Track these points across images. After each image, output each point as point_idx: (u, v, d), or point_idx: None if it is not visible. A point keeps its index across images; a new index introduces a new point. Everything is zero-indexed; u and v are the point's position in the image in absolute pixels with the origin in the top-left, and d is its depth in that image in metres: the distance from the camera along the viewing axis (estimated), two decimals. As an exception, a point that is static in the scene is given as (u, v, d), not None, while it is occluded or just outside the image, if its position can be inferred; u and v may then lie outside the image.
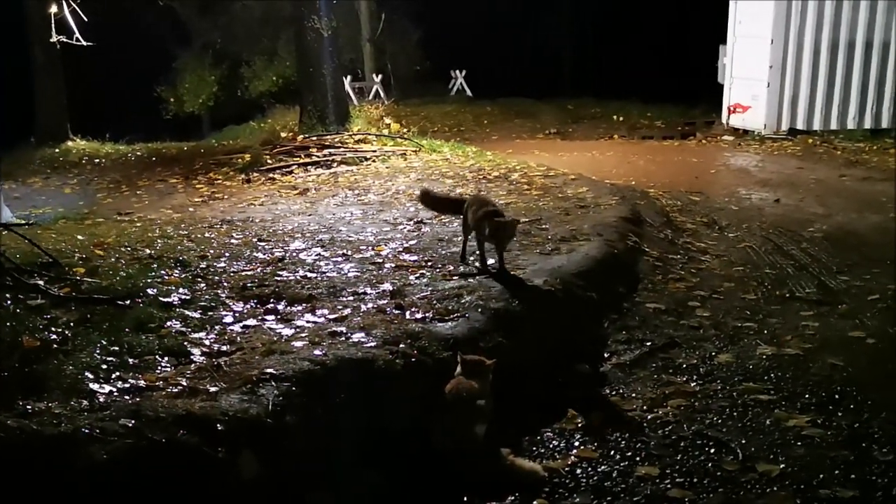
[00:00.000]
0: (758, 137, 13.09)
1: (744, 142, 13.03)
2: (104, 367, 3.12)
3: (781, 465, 3.02)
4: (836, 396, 3.60)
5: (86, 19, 9.20)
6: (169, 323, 3.69)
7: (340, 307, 3.96)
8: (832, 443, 3.19)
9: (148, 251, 5.16)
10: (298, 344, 3.35)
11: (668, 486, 2.91)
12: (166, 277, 4.49)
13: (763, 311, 4.81)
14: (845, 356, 4.05)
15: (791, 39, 12.86)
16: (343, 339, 3.43)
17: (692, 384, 3.79)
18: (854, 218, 7.25)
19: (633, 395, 3.69)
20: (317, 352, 3.21)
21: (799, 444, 3.19)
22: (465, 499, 2.81)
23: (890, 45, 12.65)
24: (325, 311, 3.89)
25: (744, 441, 3.22)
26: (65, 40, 9.70)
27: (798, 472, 2.97)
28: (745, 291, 5.17)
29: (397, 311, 3.86)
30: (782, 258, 5.96)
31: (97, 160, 12.18)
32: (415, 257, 5.04)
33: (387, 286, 4.33)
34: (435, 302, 4.00)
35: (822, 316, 4.69)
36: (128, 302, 3.93)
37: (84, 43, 9.55)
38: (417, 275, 4.58)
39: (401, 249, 5.25)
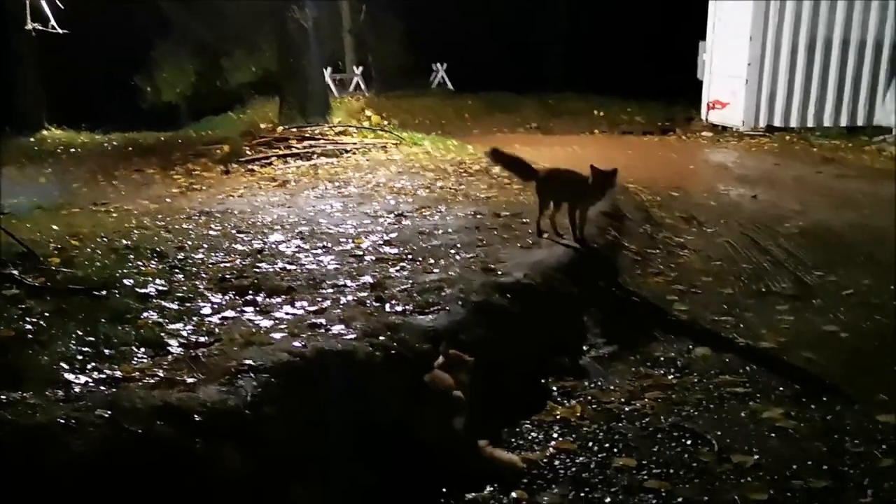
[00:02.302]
0: (736, 134, 13.20)
1: (722, 138, 13.13)
2: (80, 357, 3.09)
3: (756, 457, 3.06)
4: (810, 389, 3.65)
5: (62, 7, 9.08)
6: (146, 314, 3.67)
7: (320, 299, 3.95)
8: (806, 435, 3.24)
9: (124, 242, 5.11)
10: (277, 336, 3.34)
11: (646, 476, 2.94)
12: (143, 268, 4.46)
13: (740, 305, 4.86)
14: (819, 350, 4.11)
15: (769, 37, 12.98)
16: (323, 330, 3.43)
17: (670, 377, 3.83)
18: (829, 214, 7.33)
19: (612, 387, 3.72)
20: (296, 343, 3.20)
21: (773, 435, 3.24)
22: (444, 490, 2.82)
23: (866, 44, 12.80)
24: (305, 303, 3.88)
25: (719, 433, 3.25)
26: (41, 28, 9.57)
27: (772, 464, 3.01)
28: (722, 286, 5.22)
29: (377, 304, 3.86)
30: (759, 253, 6.02)
31: (73, 150, 12.04)
32: (395, 250, 5.03)
33: (367, 278, 4.33)
34: (415, 295, 4.00)
35: (796, 311, 4.75)
36: (104, 293, 3.90)
37: (59, 31, 9.43)
38: (398, 267, 4.58)
39: (381, 242, 5.25)
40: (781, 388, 3.67)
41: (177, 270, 4.51)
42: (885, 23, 12.69)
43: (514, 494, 2.82)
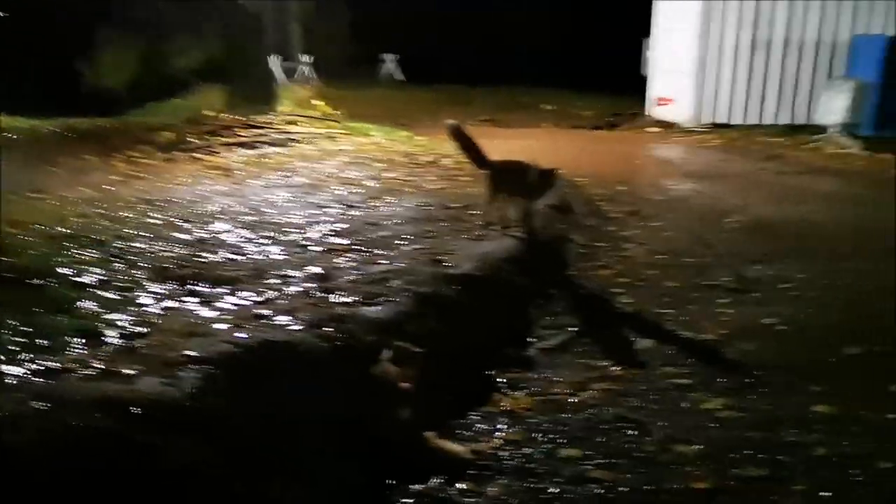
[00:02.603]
0: (682, 130, 13.43)
1: (668, 133, 13.35)
2: (14, 348, 2.99)
3: (697, 446, 3.11)
4: (749, 380, 3.74)
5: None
6: (83, 304, 3.57)
7: (265, 290, 3.89)
8: (745, 424, 3.31)
9: (62, 230, 4.97)
10: (221, 326, 3.28)
11: (590, 467, 2.97)
12: (81, 257, 4.33)
13: (683, 298, 4.95)
14: (758, 342, 4.21)
15: (714, 35, 13.23)
16: (267, 321, 3.38)
17: (615, 368, 3.87)
18: (770, 209, 7.52)
19: (558, 378, 3.75)
20: (240, 334, 3.15)
21: (714, 425, 3.30)
22: (391, 482, 2.80)
23: (806, 44, 13.15)
24: (250, 294, 3.82)
25: (662, 423, 3.31)
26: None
27: (713, 453, 3.07)
28: (666, 279, 5.31)
29: (324, 295, 3.82)
30: (702, 247, 6.13)
31: (10, 135, 11.62)
32: (343, 241, 4.99)
33: (313, 269, 4.28)
34: (363, 286, 3.97)
35: (737, 303, 4.86)
36: (40, 282, 3.78)
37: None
38: (345, 258, 4.54)
39: (328, 232, 5.20)
40: (722, 379, 3.75)
41: (116, 259, 4.40)
42: (825, 24, 13.05)
43: (460, 485, 2.82)
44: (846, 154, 11.12)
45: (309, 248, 4.80)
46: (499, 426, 3.28)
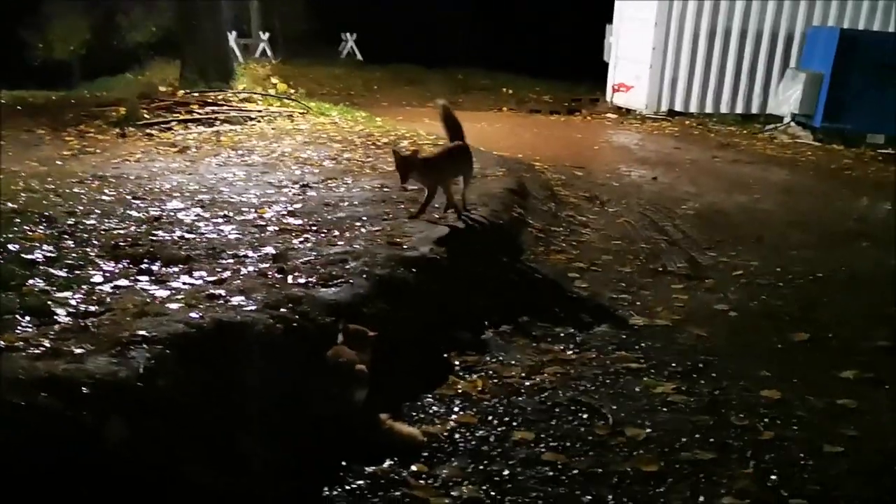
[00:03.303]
0: (639, 117, 13.58)
1: (626, 120, 13.48)
2: (-42, 326, 2.91)
3: (648, 430, 3.17)
4: (700, 365, 3.81)
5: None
6: (31, 281, 3.48)
7: (220, 269, 3.84)
8: (694, 409, 3.38)
9: (10, 205, 4.83)
10: (174, 306, 3.22)
11: (543, 449, 3.01)
12: (29, 233, 4.23)
13: (637, 283, 5.02)
14: (709, 328, 4.30)
15: (673, 23, 13.37)
16: (221, 302, 3.33)
17: (569, 352, 3.91)
18: (723, 197, 7.66)
19: (513, 362, 3.78)
20: (193, 314, 3.10)
21: (664, 409, 3.36)
22: (344, 464, 2.80)
23: (763, 35, 13.36)
24: (204, 274, 3.76)
25: (614, 407, 3.36)
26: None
27: (662, 436, 3.13)
28: (621, 264, 5.38)
29: (279, 276, 3.78)
30: (657, 234, 6.23)
31: (-46, 106, 11.25)
32: (299, 221, 4.94)
33: (269, 249, 4.23)
34: (319, 267, 3.93)
35: (690, 289, 4.95)
36: (-14, 258, 3.68)
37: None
38: (301, 239, 4.50)
39: (285, 213, 5.14)
40: (673, 364, 3.82)
41: (66, 236, 4.30)
42: (781, 15, 13.26)
43: (413, 468, 2.82)
44: (798, 144, 11.36)
45: (265, 227, 4.74)
46: (453, 409, 3.30)
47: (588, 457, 2.97)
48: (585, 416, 3.29)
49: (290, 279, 3.74)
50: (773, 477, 2.87)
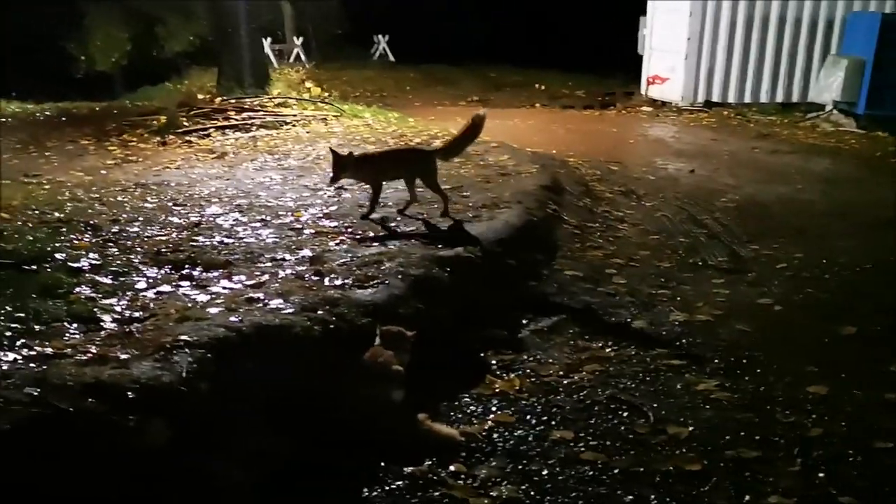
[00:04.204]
0: (675, 109, 13.41)
1: (662, 113, 13.32)
2: (8, 334, 2.99)
3: (690, 428, 3.13)
4: (743, 361, 3.75)
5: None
6: (78, 289, 3.56)
7: (258, 273, 3.89)
8: (738, 406, 3.32)
9: (56, 214, 4.95)
10: (214, 310, 3.28)
11: (582, 449, 2.99)
12: (76, 242, 4.33)
13: (676, 278, 4.96)
14: (752, 322, 4.22)
15: (709, 13, 13.17)
16: (260, 305, 3.37)
17: (607, 350, 3.88)
18: (763, 189, 7.53)
19: (550, 360, 3.76)
20: (233, 318, 3.14)
21: (707, 407, 3.32)
22: (383, 464, 2.81)
23: (802, 21, 13.10)
24: (242, 277, 3.81)
25: (655, 405, 3.32)
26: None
27: (705, 434, 3.08)
28: (659, 259, 5.32)
29: (316, 278, 3.82)
30: (695, 227, 6.15)
31: (3, 119, 11.55)
32: (335, 223, 4.98)
33: (306, 252, 4.27)
34: (355, 268, 3.96)
35: (731, 284, 4.87)
36: (34, 267, 3.78)
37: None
38: (337, 241, 4.53)
39: (321, 215, 5.18)
40: (715, 361, 3.76)
41: (111, 244, 4.39)
42: (821, 1, 12.99)
43: (452, 468, 2.83)
44: (841, 132, 11.11)
45: (301, 230, 4.79)
46: (490, 408, 3.30)
47: (629, 456, 2.95)
48: (625, 414, 3.26)
49: (326, 281, 3.78)
50: (821, 474, 2.82)
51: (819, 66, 12.67)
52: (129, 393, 2.53)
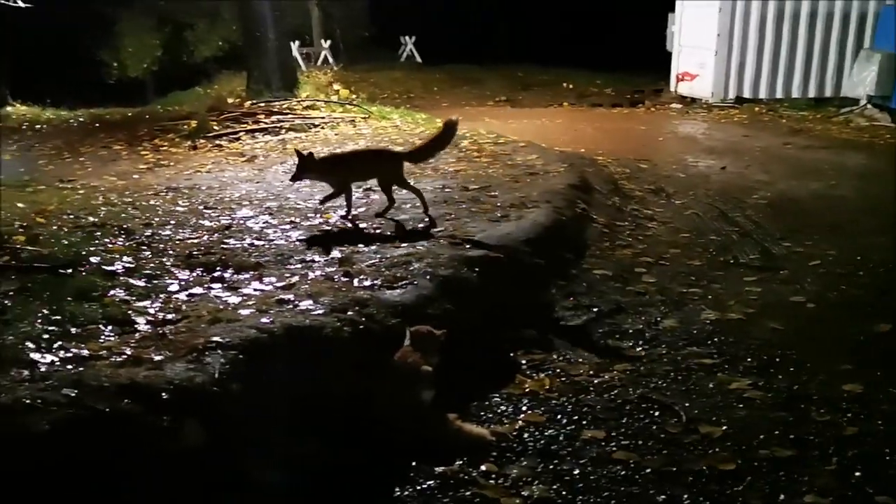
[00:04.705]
0: (705, 105, 13.28)
1: (691, 110, 13.20)
2: (45, 336, 3.05)
3: (723, 427, 3.09)
4: (777, 360, 3.70)
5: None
6: (112, 291, 3.62)
7: (288, 275, 3.92)
8: (772, 404, 3.28)
9: (91, 219, 5.04)
10: (245, 312, 3.31)
11: (613, 448, 2.97)
12: (110, 245, 4.40)
13: (707, 276, 4.91)
14: (786, 321, 4.16)
15: (739, 8, 13.03)
16: (290, 306, 3.41)
17: (638, 349, 3.86)
18: (796, 185, 7.42)
19: (580, 360, 3.74)
20: (264, 319, 3.18)
21: (740, 406, 3.28)
22: (414, 464, 2.82)
23: (834, 16, 12.90)
24: (273, 279, 3.85)
25: (687, 404, 3.29)
26: (1, 2, 9.34)
27: (739, 433, 3.05)
28: (690, 258, 5.27)
29: (345, 279, 3.84)
30: (727, 225, 6.08)
31: (38, 126, 11.80)
32: (363, 225, 5.01)
33: (335, 254, 4.30)
34: (383, 269, 3.98)
35: (764, 281, 4.81)
36: (70, 270, 3.85)
37: (22, 4, 9.19)
38: (366, 242, 4.55)
39: (349, 217, 5.21)
40: (748, 359, 3.72)
41: (144, 247, 4.46)
42: (853, -6, 12.80)
43: (483, 467, 2.83)
44: (875, 127, 10.92)
45: (330, 232, 4.83)
46: (521, 408, 3.29)
47: (661, 455, 2.92)
48: (657, 413, 3.23)
49: (355, 282, 3.80)
50: (857, 473, 2.77)
51: (852, 61, 12.48)
52: (164, 394, 2.57)
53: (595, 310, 4.31)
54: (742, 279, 4.85)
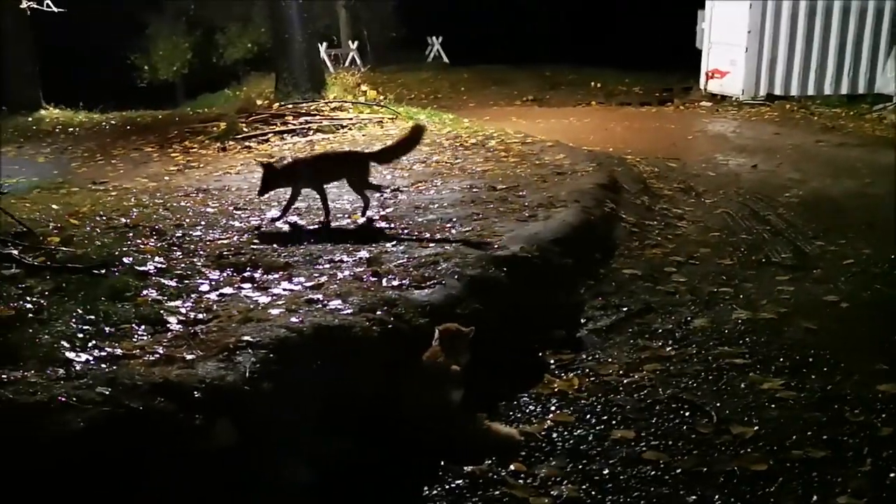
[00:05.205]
0: (735, 103, 13.14)
1: (721, 107, 13.07)
2: (80, 335, 3.09)
3: (755, 427, 3.06)
4: (810, 359, 3.65)
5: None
6: (145, 291, 3.66)
7: (317, 275, 3.95)
8: (805, 405, 3.24)
9: (123, 220, 5.11)
10: (275, 311, 3.34)
11: (643, 448, 2.95)
12: (142, 246, 4.45)
13: (739, 276, 4.85)
14: (819, 320, 4.11)
15: (769, 4, 12.87)
16: (320, 306, 3.42)
17: (668, 349, 3.83)
18: (829, 183, 7.32)
19: (609, 359, 3.72)
20: (293, 319, 3.20)
21: (773, 406, 3.24)
22: (443, 463, 2.83)
23: (867, 12, 12.70)
24: (302, 279, 3.88)
25: (718, 404, 3.26)
26: (35, 6, 9.50)
27: (771, 434, 3.01)
28: (721, 257, 5.21)
29: (374, 279, 3.86)
30: (758, 223, 6.01)
31: (71, 129, 11.99)
32: (391, 225, 5.02)
33: (363, 254, 4.32)
34: (411, 269, 3.99)
35: (797, 280, 4.74)
36: (103, 271, 3.90)
37: (55, 9, 9.34)
38: (394, 242, 4.57)
39: (377, 217, 5.23)
40: (781, 359, 3.67)
41: (175, 248, 4.51)
42: (886, -11, 12.59)
43: (512, 467, 2.83)
44: (910, 124, 10.73)
45: (359, 232, 4.85)
46: (549, 408, 3.28)
47: (692, 456, 2.90)
48: (687, 413, 3.20)
49: (384, 282, 3.81)
50: (892, 475, 2.73)
51: (885, 57, 12.27)
52: (195, 392, 2.59)
53: (624, 309, 4.28)
54: (774, 278, 4.80)
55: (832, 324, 4.09)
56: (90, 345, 3.01)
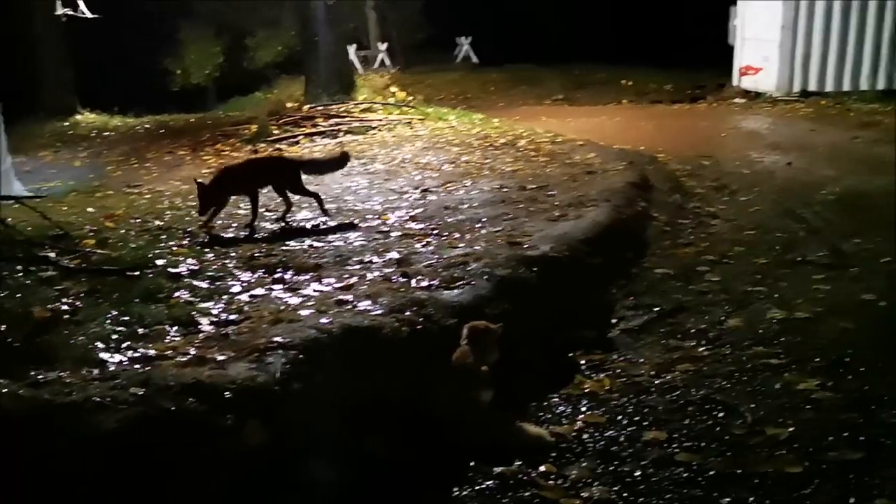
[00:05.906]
0: (769, 100, 12.94)
1: (755, 104, 12.88)
2: (114, 337, 3.14)
3: (790, 429, 3.01)
4: (846, 360, 3.57)
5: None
6: (178, 293, 3.71)
7: (347, 276, 3.96)
8: (841, 406, 3.17)
9: (157, 222, 5.18)
10: (305, 312, 3.36)
11: (676, 450, 2.92)
12: (175, 248, 4.52)
13: (773, 275, 4.78)
14: (855, 319, 4.02)
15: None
16: (349, 307, 3.44)
17: (701, 349, 3.78)
18: (866, 180, 7.16)
19: (641, 360, 3.69)
20: (323, 320, 3.21)
21: (808, 407, 3.18)
22: (472, 464, 2.82)
23: (904, 4, 12.44)
24: (332, 280, 3.90)
25: (752, 405, 3.21)
26: (70, 13, 9.66)
27: (806, 435, 2.96)
28: (755, 255, 5.14)
29: (403, 279, 3.86)
30: (793, 221, 5.91)
31: (106, 133, 12.21)
32: (421, 225, 5.03)
33: (393, 254, 4.33)
34: (441, 270, 3.99)
35: (832, 279, 4.65)
36: (137, 273, 3.96)
37: (89, 15, 9.49)
38: (423, 243, 4.57)
39: (407, 218, 5.25)
40: (816, 359, 3.60)
41: (207, 250, 4.56)
42: (923, -19, 12.32)
43: (542, 468, 2.81)
44: (949, 119, 10.48)
45: (388, 233, 4.86)
46: (580, 408, 3.26)
47: (725, 457, 2.86)
48: (721, 415, 3.16)
49: (413, 283, 3.82)
50: (932, 478, 2.67)
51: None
52: (227, 393, 2.61)
53: (656, 309, 4.24)
54: (810, 277, 4.71)
55: (869, 323, 4.00)
56: (124, 346, 3.05)
